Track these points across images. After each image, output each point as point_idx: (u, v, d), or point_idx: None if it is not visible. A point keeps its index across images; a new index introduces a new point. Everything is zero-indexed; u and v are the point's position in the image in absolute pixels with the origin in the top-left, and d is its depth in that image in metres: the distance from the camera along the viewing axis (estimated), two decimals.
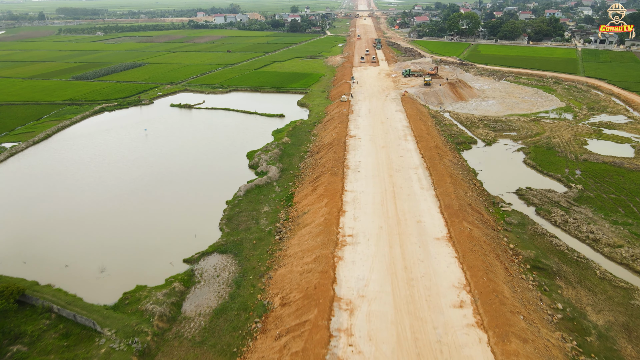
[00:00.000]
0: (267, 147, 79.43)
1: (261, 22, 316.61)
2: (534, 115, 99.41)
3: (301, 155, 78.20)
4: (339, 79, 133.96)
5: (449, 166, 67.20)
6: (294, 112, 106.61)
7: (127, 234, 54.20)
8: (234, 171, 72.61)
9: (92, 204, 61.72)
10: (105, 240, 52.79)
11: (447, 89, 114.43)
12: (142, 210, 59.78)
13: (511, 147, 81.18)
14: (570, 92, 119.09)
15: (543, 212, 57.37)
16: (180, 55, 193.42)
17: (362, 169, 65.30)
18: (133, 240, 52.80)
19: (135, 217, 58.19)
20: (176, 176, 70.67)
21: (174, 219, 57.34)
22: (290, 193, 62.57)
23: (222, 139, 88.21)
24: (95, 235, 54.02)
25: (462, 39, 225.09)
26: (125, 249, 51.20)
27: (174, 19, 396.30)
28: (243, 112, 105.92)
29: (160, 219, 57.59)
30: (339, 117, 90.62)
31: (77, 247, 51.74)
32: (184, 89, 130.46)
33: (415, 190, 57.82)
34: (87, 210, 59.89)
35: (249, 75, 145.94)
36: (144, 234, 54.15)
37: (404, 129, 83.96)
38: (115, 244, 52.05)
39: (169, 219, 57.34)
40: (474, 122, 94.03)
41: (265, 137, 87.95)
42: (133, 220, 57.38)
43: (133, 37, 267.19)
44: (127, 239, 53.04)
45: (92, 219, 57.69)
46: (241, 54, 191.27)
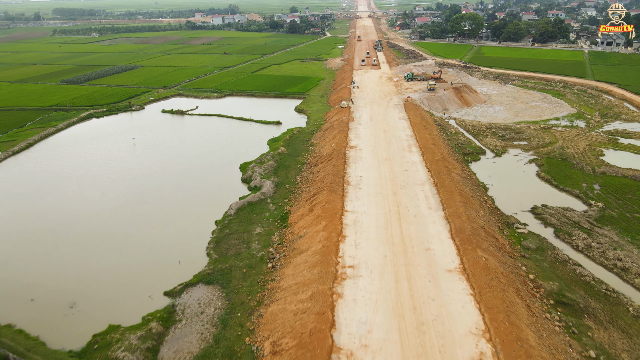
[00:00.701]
0: (262, 159, 74.23)
1: (260, 23, 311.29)
2: (544, 122, 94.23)
3: (298, 167, 73.02)
4: (339, 82, 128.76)
5: (458, 181, 62.01)
6: (292, 118, 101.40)
7: (104, 259, 48.94)
8: (225, 186, 67.43)
9: (68, 224, 56.44)
10: (79, 267, 47.57)
11: (451, 94, 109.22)
12: (123, 232, 54.53)
13: (522, 158, 76.01)
14: (580, 97, 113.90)
15: (563, 234, 52.16)
16: (175, 57, 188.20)
17: (364, 185, 60.07)
18: (110, 267, 47.54)
19: (115, 240, 52.94)
20: (163, 191, 65.44)
21: (158, 242, 52.13)
22: (285, 212, 57.38)
23: (214, 148, 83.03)
24: (68, 260, 48.79)
25: (464, 40, 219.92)
26: (101, 277, 45.98)
27: (172, 19, 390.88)
28: (238, 119, 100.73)
29: (142, 242, 52.39)
30: (339, 125, 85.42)
31: (47, 275, 46.55)
32: (177, 93, 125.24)
33: (423, 211, 52.59)
34: (62, 232, 54.64)
35: (246, 78, 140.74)
36: (123, 260, 48.88)
37: (408, 139, 78.76)
38: (91, 272, 46.81)
39: (152, 242, 52.13)
40: (481, 130, 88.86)
41: (261, 147, 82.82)
42: (112, 243, 52.13)
43: (129, 39, 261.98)
44: (104, 266, 47.79)
45: (66, 242, 52.47)
46: (238, 56, 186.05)
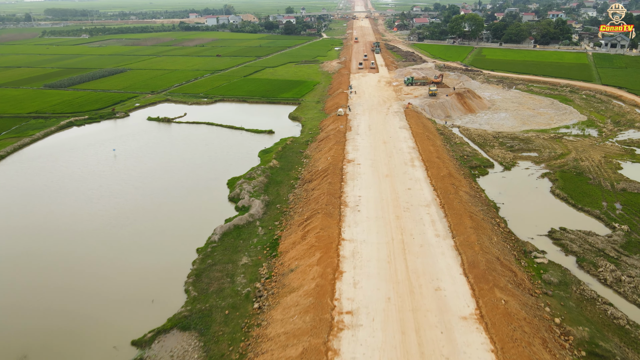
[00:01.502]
0: (252, 174, 68.15)
1: (254, 24, 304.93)
2: (554, 131, 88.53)
3: (291, 183, 67.01)
4: (335, 87, 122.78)
5: (466, 201, 56.13)
6: (285, 127, 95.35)
7: (63, 299, 42.73)
8: (211, 205, 61.31)
9: (31, 254, 50.16)
10: (35, 310, 41.36)
11: (454, 100, 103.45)
12: (89, 265, 48.22)
13: (534, 171, 70.25)
14: (589, 102, 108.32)
15: (587, 265, 46.35)
16: (166, 60, 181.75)
17: (363, 207, 54.07)
18: (70, 310, 41.33)
19: (78, 273, 46.66)
20: (141, 213, 59.27)
21: (129, 277, 45.96)
22: (276, 238, 51.35)
23: (201, 161, 76.91)
24: (24, 300, 42.60)
25: (464, 42, 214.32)
26: (60, 322, 39.82)
27: (165, 20, 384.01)
28: (228, 128, 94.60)
29: (111, 276, 46.14)
30: (335, 136, 79.45)
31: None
32: (165, 99, 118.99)
33: (430, 239, 46.64)
34: (22, 265, 48.36)
35: (238, 83, 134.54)
36: (86, 300, 42.66)
37: (410, 151, 72.85)
38: (49, 316, 40.64)
39: (123, 277, 45.94)
40: (487, 140, 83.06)
41: (251, 159, 76.82)
42: (75, 278, 45.86)
43: (120, 40, 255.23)
44: (65, 308, 41.59)
45: (25, 277, 46.23)
46: (231, 59, 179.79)
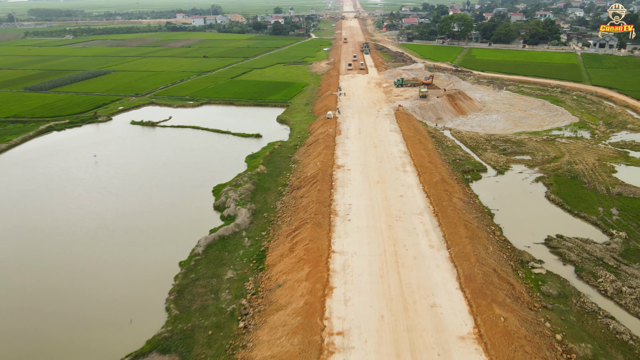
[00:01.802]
0: (238, 180, 65.68)
1: (242, 25, 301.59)
2: (547, 133, 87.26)
3: (279, 190, 64.64)
4: (324, 89, 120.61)
5: (460, 208, 54.28)
6: (273, 130, 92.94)
7: (36, 320, 39.99)
8: (195, 215, 58.75)
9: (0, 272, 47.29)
10: (2, 332, 38.57)
11: (445, 101, 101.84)
12: (65, 280, 45.48)
13: (527, 175, 68.72)
14: (580, 103, 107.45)
15: (586, 275, 44.70)
16: (151, 61, 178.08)
17: (354, 215, 51.92)
18: (43, 332, 38.63)
19: (53, 291, 43.89)
20: (122, 223, 56.50)
21: (107, 294, 43.26)
22: (263, 250, 49.00)
23: (185, 167, 74.21)
24: None
25: (453, 42, 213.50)
26: (29, 346, 37.08)
27: (152, 20, 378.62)
28: (214, 132, 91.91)
29: (87, 293, 43.42)
30: (325, 140, 77.23)
31: None
32: (150, 101, 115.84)
33: (423, 251, 44.62)
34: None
35: (225, 85, 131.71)
36: (60, 321, 39.97)
37: (402, 156, 70.89)
38: (17, 339, 37.86)
39: (99, 295, 43.21)
40: (479, 143, 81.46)
41: (238, 165, 74.37)
42: (49, 297, 43.07)
43: (104, 41, 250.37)
44: (36, 330, 38.85)
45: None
46: (218, 60, 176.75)
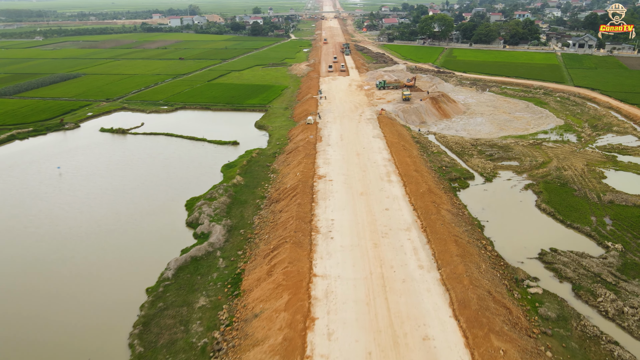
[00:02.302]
0: (213, 194, 61.46)
1: (220, 25, 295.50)
2: (533, 137, 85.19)
3: (256, 203, 60.62)
4: (304, 92, 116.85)
5: (449, 222, 51.19)
6: (251, 137, 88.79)
7: None
8: (166, 232, 54.36)
9: None
10: None
11: (429, 104, 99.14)
12: (16, 313, 40.72)
13: (516, 183, 66.22)
14: (564, 105, 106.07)
15: (585, 293, 41.99)
16: (125, 63, 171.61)
17: (337, 233, 48.29)
18: None
19: (1, 326, 39.17)
20: (86, 243, 51.79)
21: (61, 330, 38.75)
22: (238, 272, 45.01)
23: (157, 179, 69.59)
24: None
25: (434, 42, 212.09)
26: None
27: (127, 21, 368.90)
28: (189, 139, 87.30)
29: (39, 328, 38.81)
30: (305, 147, 73.48)
31: None
32: (122, 107, 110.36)
33: (412, 273, 41.24)
34: None
35: (201, 88, 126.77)
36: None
37: (386, 164, 67.59)
38: None
39: (53, 329, 38.68)
40: (465, 148, 78.84)
41: (213, 175, 70.14)
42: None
43: (76, 42, 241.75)
44: None
45: None
46: (195, 62, 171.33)
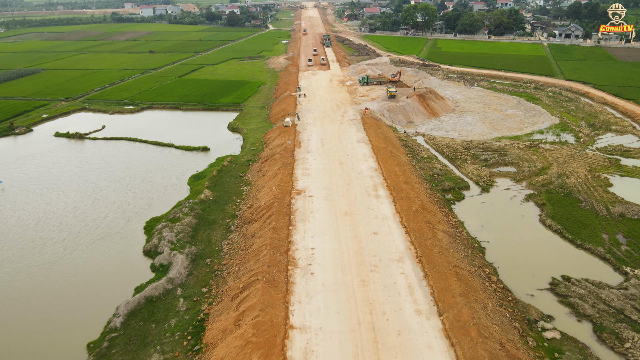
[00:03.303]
0: (176, 213, 53.61)
1: (195, 15, 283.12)
2: (528, 137, 79.12)
3: (226, 223, 53.03)
4: (282, 88, 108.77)
5: (447, 246, 44.54)
6: (223, 141, 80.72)
7: None
8: (119, 264, 46.47)
9: None
10: None
11: (416, 102, 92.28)
12: None
13: (516, 193, 59.99)
14: (557, 101, 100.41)
15: (609, 337, 35.87)
16: (91, 57, 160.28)
17: (318, 266, 41.09)
18: None
19: None
20: (19, 283, 43.62)
21: None
22: (201, 318, 37.60)
23: (115, 194, 61.30)
24: None
25: (418, 33, 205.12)
26: None
27: (97, 10, 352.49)
28: (154, 144, 78.88)
29: None
30: (282, 155, 65.89)
31: None
32: (82, 107, 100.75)
33: (409, 320, 34.39)
34: None
35: (171, 85, 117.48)
36: None
37: (372, 174, 60.53)
38: None
39: None
40: (458, 152, 72.32)
41: (180, 188, 62.27)
42: None
43: (40, 34, 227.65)
44: None
45: None
46: (166, 55, 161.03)
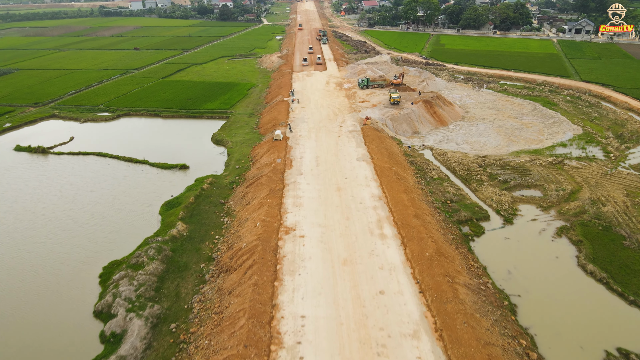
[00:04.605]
0: (140, 256, 44.31)
1: (186, 9, 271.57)
2: (550, 152, 69.93)
3: (200, 269, 43.78)
4: (274, 92, 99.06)
5: (472, 310, 35.48)
6: (205, 156, 71.24)
7: None
8: (59, 333, 37.16)
9: None
10: None
11: (422, 109, 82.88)
12: None
13: (544, 225, 50.93)
14: (577, 106, 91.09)
15: None
16: (70, 55, 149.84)
17: (308, 347, 31.72)
18: None
19: None
20: None
21: None
22: None
23: (74, 225, 51.93)
24: None
25: (419, 28, 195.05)
26: None
27: (85, 3, 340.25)
28: (126, 161, 69.41)
29: None
30: (270, 179, 56.48)
31: None
32: (51, 114, 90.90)
33: None
34: None
35: (153, 88, 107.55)
36: None
37: (376, 204, 51.23)
38: None
39: None
40: (472, 171, 63.10)
41: (150, 217, 53.09)
42: None
43: (22, 29, 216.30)
44: None
45: None
46: (152, 53, 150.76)
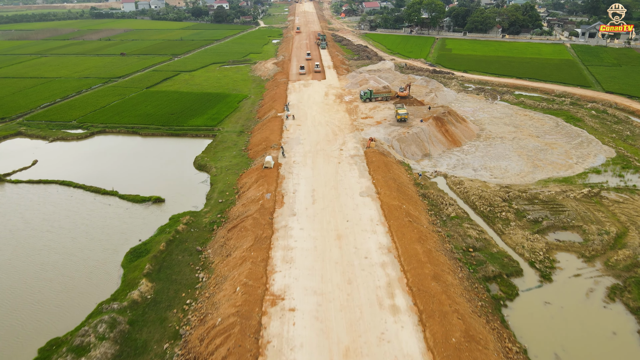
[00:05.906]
0: (87, 334, 34.91)
1: (180, 10, 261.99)
2: (582, 180, 60.46)
3: (163, 351, 34.28)
4: (267, 106, 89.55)
5: None
6: (185, 186, 61.73)
7: None
8: None
9: None
10: None
11: (432, 128, 73.42)
12: None
13: (590, 283, 41.66)
14: (604, 122, 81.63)
15: None
16: (51, 61, 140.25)
17: None
18: None
19: None
20: None
21: None
22: None
23: (17, 286, 42.47)
24: None
25: (423, 31, 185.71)
26: None
27: (77, 4, 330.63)
28: (93, 192, 59.98)
29: None
30: (256, 222, 47.00)
31: None
32: (17, 131, 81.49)
33: None
34: None
35: (135, 100, 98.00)
36: None
37: (384, 259, 41.74)
38: None
39: None
40: (495, 206, 53.64)
41: (110, 271, 43.82)
42: None
43: (7, 32, 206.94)
44: None
45: None
46: (139, 59, 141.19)
